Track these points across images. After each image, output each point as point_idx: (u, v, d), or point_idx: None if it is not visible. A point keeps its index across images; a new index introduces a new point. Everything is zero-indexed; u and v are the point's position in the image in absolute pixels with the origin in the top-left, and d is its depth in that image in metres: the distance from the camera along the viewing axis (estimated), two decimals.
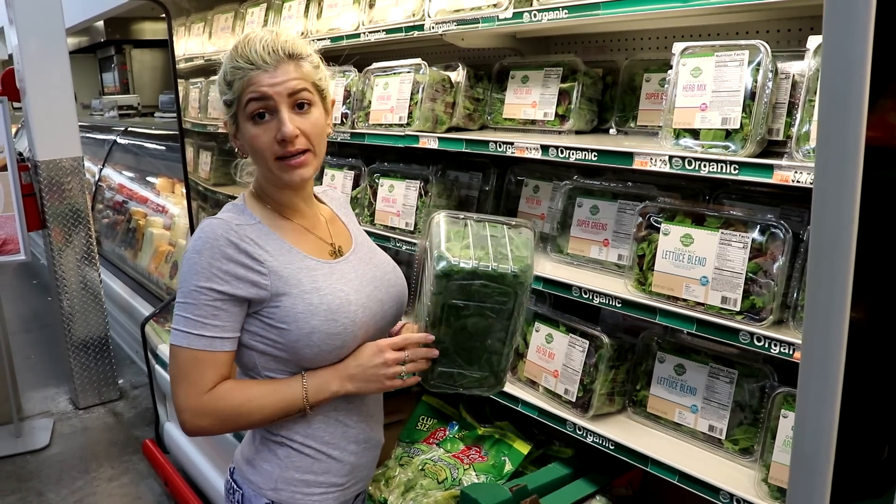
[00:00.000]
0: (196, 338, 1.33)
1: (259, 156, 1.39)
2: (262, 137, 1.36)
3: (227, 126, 1.44)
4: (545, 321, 2.05)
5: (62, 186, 4.27)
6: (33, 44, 4.14)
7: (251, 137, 1.37)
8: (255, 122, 1.36)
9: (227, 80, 1.38)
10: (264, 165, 1.39)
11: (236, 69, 1.35)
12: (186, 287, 1.33)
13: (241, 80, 1.35)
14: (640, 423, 1.86)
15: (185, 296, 1.34)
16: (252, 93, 1.34)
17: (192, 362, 1.34)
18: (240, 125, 1.39)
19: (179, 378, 1.35)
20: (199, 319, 1.33)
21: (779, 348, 1.43)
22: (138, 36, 7.57)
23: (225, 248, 1.33)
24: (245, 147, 1.42)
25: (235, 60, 1.36)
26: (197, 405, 1.34)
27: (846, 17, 0.97)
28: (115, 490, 3.60)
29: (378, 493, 2.04)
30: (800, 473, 1.14)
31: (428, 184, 2.37)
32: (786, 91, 1.51)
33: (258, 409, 1.37)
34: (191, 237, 1.38)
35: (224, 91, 1.39)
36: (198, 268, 1.32)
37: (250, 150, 1.40)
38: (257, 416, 1.39)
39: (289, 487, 1.45)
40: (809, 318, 1.09)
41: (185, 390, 1.35)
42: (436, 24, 2.14)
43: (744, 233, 1.55)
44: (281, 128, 1.34)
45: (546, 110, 2.08)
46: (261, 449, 1.47)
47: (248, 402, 1.37)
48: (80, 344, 4.47)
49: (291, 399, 1.38)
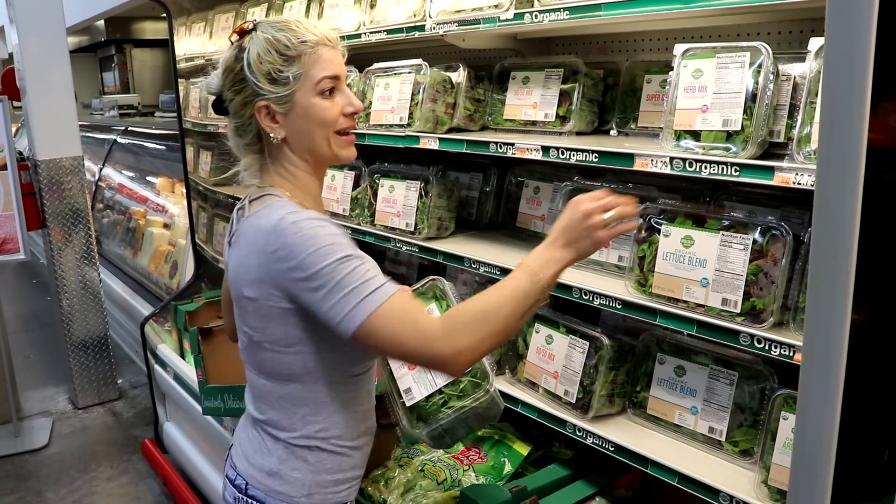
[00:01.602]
0: (384, 288, 1.25)
1: (322, 130, 1.39)
2: (333, 110, 1.39)
3: (265, 107, 1.37)
4: (545, 322, 2.05)
5: (62, 186, 4.27)
6: (34, 43, 4.14)
7: (322, 109, 1.38)
8: (324, 96, 1.38)
9: (287, 55, 1.35)
10: (324, 141, 1.40)
11: (304, 43, 1.35)
12: (330, 262, 1.24)
13: (310, 54, 1.35)
14: (640, 425, 1.85)
15: (335, 273, 1.24)
16: (327, 70, 1.37)
17: (402, 307, 1.25)
18: (298, 101, 1.37)
19: (401, 328, 1.24)
20: (368, 277, 1.25)
21: (779, 350, 1.43)
22: (139, 35, 7.57)
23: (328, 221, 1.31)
24: (297, 123, 1.38)
25: (302, 34, 1.35)
26: (438, 329, 1.24)
27: (848, 19, 0.97)
28: (114, 490, 3.60)
29: (378, 493, 2.04)
30: (800, 475, 1.14)
31: (428, 184, 2.36)
32: (787, 93, 1.50)
33: (497, 307, 1.27)
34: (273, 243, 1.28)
35: (278, 67, 1.35)
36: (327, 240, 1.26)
37: (312, 123, 1.38)
38: (503, 313, 1.26)
39: (321, 490, 1.44)
40: (810, 320, 1.09)
41: (415, 332, 1.24)
42: (437, 25, 2.14)
43: (744, 234, 1.55)
44: (352, 101, 1.41)
45: (547, 111, 2.08)
46: (286, 458, 1.43)
47: (485, 304, 1.28)
48: (79, 343, 4.47)
49: (525, 285, 1.29)
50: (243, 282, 1.36)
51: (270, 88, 1.36)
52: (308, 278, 1.25)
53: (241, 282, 1.37)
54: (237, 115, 1.42)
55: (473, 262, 2.13)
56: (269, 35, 1.36)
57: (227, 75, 1.41)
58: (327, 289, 1.24)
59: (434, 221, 2.36)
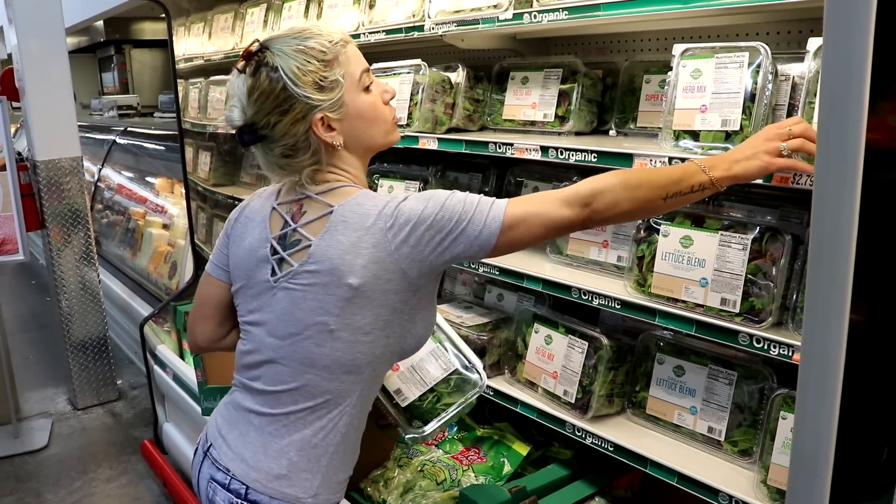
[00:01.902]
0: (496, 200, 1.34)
1: (379, 121, 1.43)
2: (379, 102, 1.43)
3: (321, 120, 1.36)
4: (544, 322, 2.05)
5: (61, 186, 4.26)
6: (33, 43, 4.14)
7: (371, 106, 1.41)
8: (367, 91, 1.41)
9: (326, 60, 1.35)
10: (381, 131, 1.44)
11: (336, 43, 1.36)
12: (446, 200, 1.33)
13: (344, 53, 1.37)
14: (640, 425, 1.85)
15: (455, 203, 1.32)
16: (361, 64, 1.40)
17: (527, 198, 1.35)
18: (348, 102, 1.38)
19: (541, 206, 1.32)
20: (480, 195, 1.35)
21: (778, 350, 1.43)
22: (138, 36, 7.57)
23: None
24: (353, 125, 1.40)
25: (329, 36, 1.36)
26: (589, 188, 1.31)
27: (847, 19, 0.97)
28: (114, 491, 3.59)
29: (377, 494, 2.04)
30: (799, 475, 1.14)
31: (427, 184, 2.37)
32: (786, 93, 1.51)
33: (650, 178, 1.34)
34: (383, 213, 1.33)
35: (322, 74, 1.34)
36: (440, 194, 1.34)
37: (366, 121, 1.41)
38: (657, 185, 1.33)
39: (326, 491, 1.44)
40: (809, 319, 1.09)
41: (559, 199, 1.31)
42: (436, 25, 2.14)
43: (743, 234, 1.55)
44: (386, 88, 1.45)
45: (546, 111, 2.08)
46: (298, 461, 1.41)
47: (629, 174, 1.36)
48: (78, 344, 4.47)
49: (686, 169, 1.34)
50: (350, 267, 1.33)
51: (322, 97, 1.34)
52: (436, 224, 1.31)
53: (348, 268, 1.33)
54: (288, 136, 1.37)
55: (472, 263, 2.14)
56: (298, 46, 1.34)
57: (263, 100, 1.35)
58: (458, 215, 1.31)
59: None
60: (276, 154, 1.40)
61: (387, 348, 1.41)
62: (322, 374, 1.39)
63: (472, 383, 1.74)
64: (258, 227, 1.47)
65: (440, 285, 2.70)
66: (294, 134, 1.36)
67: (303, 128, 1.36)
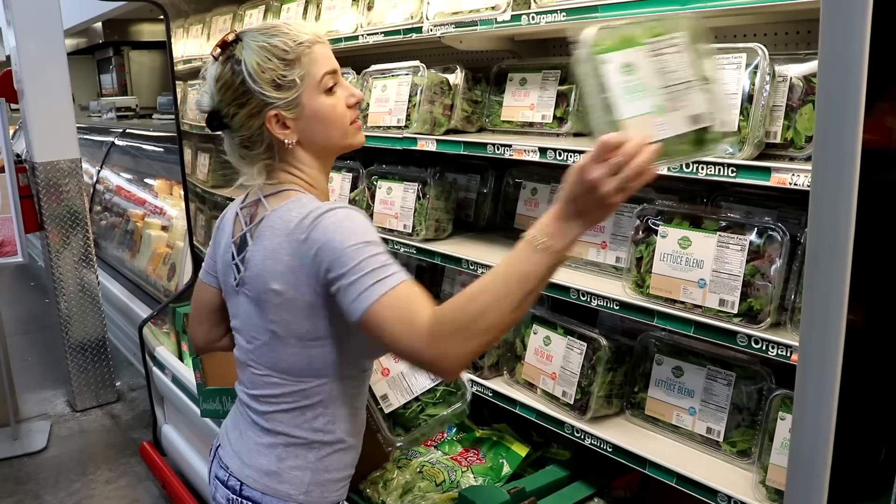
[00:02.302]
0: (396, 274, 1.23)
1: (337, 124, 1.41)
2: (339, 106, 1.41)
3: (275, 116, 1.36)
4: (543, 323, 2.05)
5: (60, 188, 4.26)
6: (31, 45, 4.14)
7: (330, 108, 1.39)
8: (328, 94, 1.39)
9: (287, 59, 1.35)
10: (338, 134, 1.42)
11: (300, 44, 1.35)
12: (357, 242, 1.25)
13: (308, 55, 1.36)
14: (638, 426, 1.86)
15: (355, 258, 1.23)
16: (326, 66, 1.38)
17: (406, 296, 1.21)
18: (305, 103, 1.37)
19: (397, 324, 1.19)
20: (388, 262, 1.25)
21: (776, 350, 1.44)
22: (136, 37, 7.57)
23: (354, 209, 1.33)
24: (309, 125, 1.39)
25: (296, 36, 1.36)
26: (429, 330, 1.16)
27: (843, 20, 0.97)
28: (113, 493, 3.59)
29: (376, 495, 2.04)
30: (797, 475, 1.14)
31: (426, 186, 2.37)
32: (783, 94, 1.51)
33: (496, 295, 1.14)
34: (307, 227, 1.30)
35: (281, 73, 1.35)
36: (358, 227, 1.28)
37: (323, 123, 1.39)
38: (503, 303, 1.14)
39: (319, 488, 1.45)
40: (807, 320, 1.09)
41: (409, 330, 1.18)
42: (434, 27, 2.14)
43: (741, 235, 1.55)
44: (353, 92, 1.43)
45: (544, 112, 2.09)
46: (285, 457, 1.43)
47: (484, 299, 1.15)
48: (77, 346, 4.47)
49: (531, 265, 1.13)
50: (272, 274, 1.35)
51: (277, 95, 1.35)
52: (334, 261, 1.26)
53: (270, 274, 1.35)
54: (244, 128, 1.39)
55: (471, 264, 2.14)
56: (263, 42, 1.35)
57: (225, 91, 1.38)
58: (349, 268, 1.24)
59: (432, 223, 2.36)
60: (237, 143, 1.43)
61: (347, 353, 1.40)
62: (285, 377, 1.41)
63: (458, 395, 1.69)
64: (226, 231, 1.51)
65: (438, 286, 2.70)
66: (250, 127, 1.39)
67: (258, 122, 1.38)
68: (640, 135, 1.12)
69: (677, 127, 1.22)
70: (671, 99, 1.21)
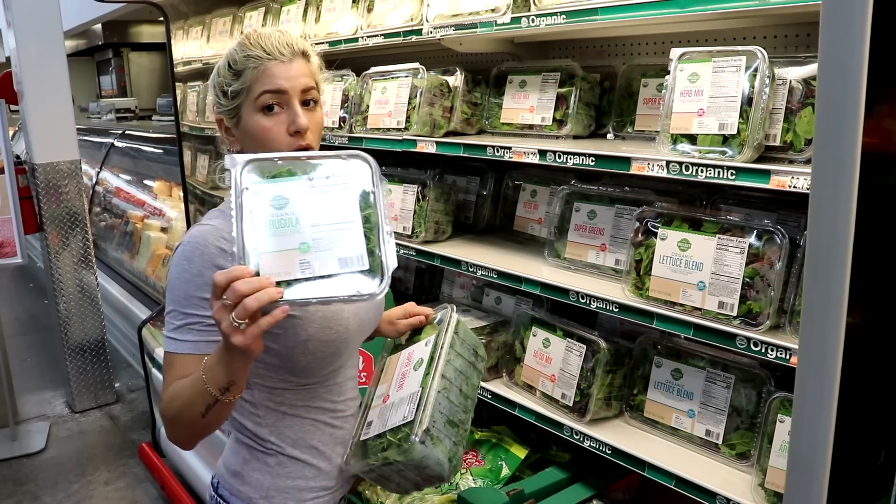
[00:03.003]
0: (182, 343, 1.29)
1: (267, 147, 1.35)
2: (274, 129, 1.35)
3: (221, 120, 1.42)
4: (542, 325, 2.05)
5: (59, 189, 4.26)
6: (31, 46, 4.14)
7: (261, 129, 1.35)
8: (266, 113, 1.35)
9: (234, 70, 1.36)
10: None
11: (250, 57, 1.34)
12: (176, 294, 1.30)
13: (254, 69, 1.34)
14: (638, 428, 1.86)
15: (175, 302, 1.30)
16: (268, 84, 1.33)
17: (171, 366, 1.30)
18: (242, 117, 1.37)
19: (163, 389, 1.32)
20: (189, 324, 1.29)
21: (775, 353, 1.44)
22: (136, 39, 7.58)
23: (216, 257, 1.29)
24: (245, 140, 1.38)
25: (249, 49, 1.35)
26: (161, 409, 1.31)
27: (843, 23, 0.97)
28: (112, 494, 3.59)
29: (375, 497, 2.03)
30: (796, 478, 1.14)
31: (425, 188, 2.37)
32: (783, 97, 1.51)
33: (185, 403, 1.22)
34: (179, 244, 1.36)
35: (227, 81, 1.36)
36: (187, 275, 1.29)
37: (256, 142, 1.36)
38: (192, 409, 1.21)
39: (280, 494, 1.44)
40: (806, 323, 1.09)
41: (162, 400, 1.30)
42: (434, 29, 2.14)
43: (741, 238, 1.55)
44: (296, 119, 1.34)
45: (544, 115, 2.09)
46: (249, 459, 1.45)
47: (172, 400, 1.26)
48: (76, 347, 4.46)
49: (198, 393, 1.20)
50: None
51: (222, 101, 1.39)
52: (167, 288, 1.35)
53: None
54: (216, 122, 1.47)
55: (471, 266, 2.14)
56: (230, 48, 1.40)
57: None
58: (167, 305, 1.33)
59: (431, 225, 2.36)
60: None
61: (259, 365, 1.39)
62: None
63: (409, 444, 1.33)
64: None
65: (438, 288, 2.70)
66: (216, 122, 1.45)
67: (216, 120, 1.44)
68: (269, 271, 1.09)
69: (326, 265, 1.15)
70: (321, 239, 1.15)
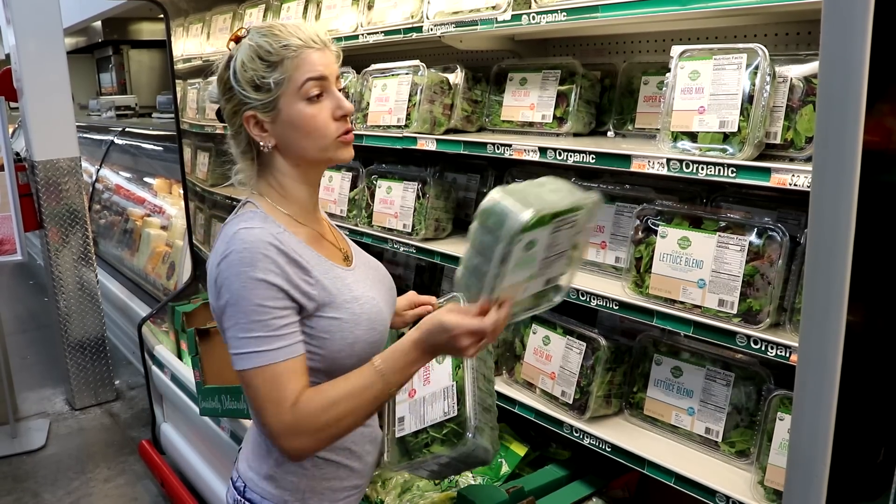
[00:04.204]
0: (274, 352, 1.26)
1: (314, 135, 1.35)
2: (320, 116, 1.34)
3: (251, 117, 1.35)
4: (542, 323, 2.05)
5: (59, 187, 4.26)
6: (31, 44, 4.14)
7: (308, 117, 1.34)
8: (310, 101, 1.34)
9: (269, 61, 1.32)
10: (316, 146, 1.36)
11: (288, 47, 1.32)
12: (247, 305, 1.25)
13: (293, 58, 1.32)
14: (637, 426, 1.86)
15: (247, 314, 1.25)
16: (310, 72, 1.32)
17: (274, 379, 1.26)
18: (282, 108, 1.34)
19: (265, 401, 1.26)
20: (271, 334, 1.26)
21: (775, 351, 1.44)
22: (136, 36, 7.58)
23: (276, 257, 1.27)
24: (286, 131, 1.36)
25: (285, 38, 1.33)
26: (290, 423, 1.25)
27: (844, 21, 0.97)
28: (112, 491, 3.59)
29: (375, 494, 2.04)
30: (796, 476, 1.14)
31: (426, 185, 2.37)
32: (783, 94, 1.51)
33: (346, 412, 1.27)
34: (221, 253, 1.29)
35: (261, 74, 1.32)
36: (253, 283, 1.25)
37: (301, 131, 1.35)
38: (350, 420, 1.28)
39: (315, 496, 1.44)
40: (806, 321, 1.09)
41: (273, 413, 1.26)
42: (434, 26, 2.14)
43: (741, 236, 1.55)
44: (341, 104, 1.36)
45: (544, 112, 2.09)
46: (282, 462, 1.42)
47: (336, 410, 1.26)
48: (76, 345, 4.47)
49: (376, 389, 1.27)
50: (208, 285, 1.36)
51: (255, 96, 1.34)
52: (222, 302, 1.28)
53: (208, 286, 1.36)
54: (231, 124, 1.40)
55: None
56: (253, 42, 1.35)
57: (219, 84, 1.40)
58: (231, 320, 1.27)
59: (431, 222, 2.36)
60: (229, 136, 1.44)
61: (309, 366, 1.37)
62: None
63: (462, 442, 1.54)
64: None
65: (438, 286, 2.70)
66: (234, 123, 1.40)
67: (238, 120, 1.38)
68: (508, 302, 1.22)
69: (534, 288, 1.30)
70: (543, 268, 1.27)
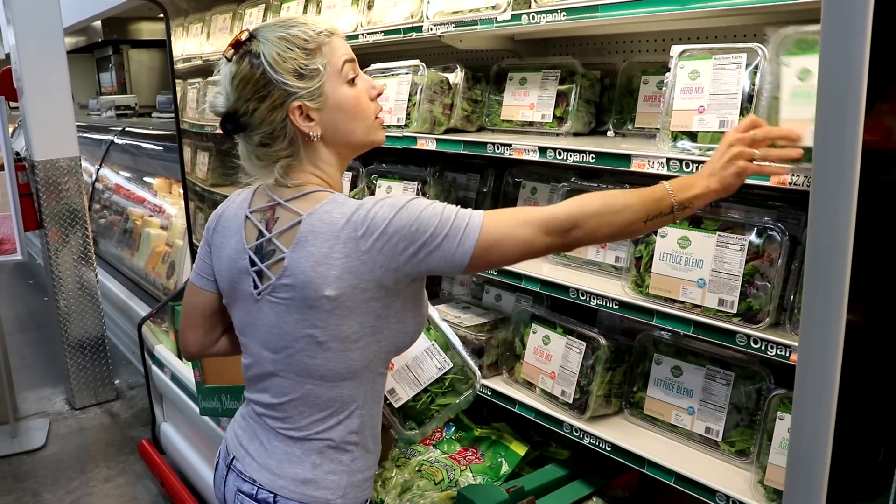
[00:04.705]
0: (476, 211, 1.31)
1: (361, 116, 1.39)
2: (362, 97, 1.40)
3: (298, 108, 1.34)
4: (542, 323, 2.05)
5: (59, 186, 4.26)
6: (31, 43, 4.13)
7: (353, 98, 1.38)
8: (351, 83, 1.38)
9: (308, 49, 1.33)
10: (363, 127, 1.41)
11: (320, 33, 1.35)
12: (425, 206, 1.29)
13: (328, 44, 1.35)
14: (637, 425, 1.86)
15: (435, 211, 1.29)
16: (345, 55, 1.38)
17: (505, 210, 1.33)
18: (328, 93, 1.35)
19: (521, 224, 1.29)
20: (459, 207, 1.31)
21: (775, 350, 1.44)
22: (136, 36, 7.56)
23: None
24: (333, 117, 1.37)
25: (314, 26, 1.36)
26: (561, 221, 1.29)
27: (844, 21, 0.97)
28: (112, 490, 3.59)
29: (375, 494, 2.04)
30: (796, 475, 1.14)
31: (426, 185, 2.37)
32: None
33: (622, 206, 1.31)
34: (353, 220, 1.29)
35: (303, 63, 1.33)
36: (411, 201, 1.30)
37: (347, 114, 1.38)
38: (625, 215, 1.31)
39: (354, 489, 1.44)
40: (806, 320, 1.09)
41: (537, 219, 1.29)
42: (434, 26, 2.14)
43: (741, 235, 1.55)
44: (373, 84, 1.42)
45: (544, 112, 2.09)
46: (320, 463, 1.41)
47: (612, 199, 1.33)
48: (76, 344, 4.47)
49: (656, 195, 1.33)
50: (324, 280, 1.30)
51: (300, 85, 1.33)
52: (414, 233, 1.28)
53: (322, 280, 1.30)
54: (265, 124, 1.35)
55: None
56: (281, 34, 1.34)
57: (243, 87, 1.34)
58: (433, 229, 1.27)
59: None
60: (255, 143, 1.38)
61: (380, 350, 1.40)
62: (321, 383, 1.38)
63: (468, 383, 1.68)
64: (234, 236, 1.45)
65: (438, 286, 2.70)
66: (271, 121, 1.35)
67: (280, 115, 1.34)
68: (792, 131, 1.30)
69: None
70: None
